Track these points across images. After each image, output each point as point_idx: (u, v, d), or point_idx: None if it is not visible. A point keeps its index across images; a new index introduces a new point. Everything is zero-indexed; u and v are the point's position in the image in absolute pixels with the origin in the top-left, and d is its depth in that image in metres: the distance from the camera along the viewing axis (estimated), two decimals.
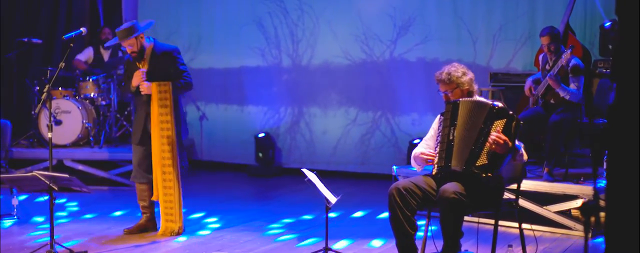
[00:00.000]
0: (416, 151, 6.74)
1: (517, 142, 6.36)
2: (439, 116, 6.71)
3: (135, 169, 8.42)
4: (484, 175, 6.28)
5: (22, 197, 9.45)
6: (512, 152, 6.32)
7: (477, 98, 6.58)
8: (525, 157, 6.53)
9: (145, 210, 8.47)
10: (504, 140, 6.19)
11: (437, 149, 6.52)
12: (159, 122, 8.16)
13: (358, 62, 12.20)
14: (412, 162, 6.81)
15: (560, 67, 8.75)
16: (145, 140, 8.28)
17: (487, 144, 6.24)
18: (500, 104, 6.44)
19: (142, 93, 8.21)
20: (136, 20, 8.26)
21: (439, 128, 6.62)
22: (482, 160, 6.29)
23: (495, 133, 6.21)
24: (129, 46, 8.16)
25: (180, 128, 8.32)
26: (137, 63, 8.27)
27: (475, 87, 6.72)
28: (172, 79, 8.19)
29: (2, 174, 8.97)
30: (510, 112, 6.35)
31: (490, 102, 6.48)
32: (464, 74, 6.64)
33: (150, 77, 8.16)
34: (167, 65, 8.16)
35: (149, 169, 8.30)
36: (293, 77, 12.72)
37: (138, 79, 8.17)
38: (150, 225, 8.44)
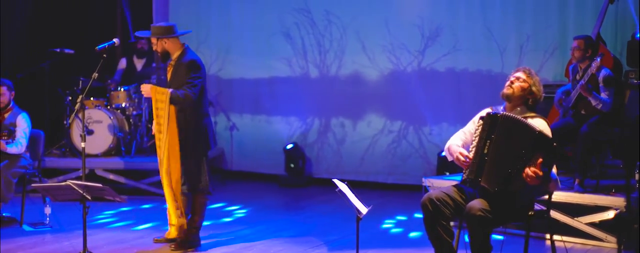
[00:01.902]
0: (452, 144, 6.71)
1: (552, 170, 6.32)
2: (481, 114, 6.65)
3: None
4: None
5: (53, 206, 9.50)
6: (546, 182, 6.28)
7: (521, 118, 6.39)
8: (559, 183, 6.50)
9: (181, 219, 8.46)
10: (541, 176, 6.15)
11: (471, 154, 6.47)
12: (157, 131, 8.11)
13: (385, 72, 12.20)
14: (446, 152, 6.80)
15: (590, 76, 8.71)
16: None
17: (524, 175, 6.18)
18: (544, 131, 6.33)
19: (142, 93, 8.20)
20: (175, 25, 8.22)
21: (476, 130, 6.56)
22: (516, 186, 6.26)
23: (534, 169, 6.13)
24: (153, 44, 8.21)
25: (195, 143, 8.13)
26: (167, 65, 8.28)
27: (535, 105, 6.69)
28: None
29: (36, 183, 9.03)
30: (554, 144, 6.24)
31: (536, 127, 6.31)
32: (540, 84, 6.65)
33: (170, 83, 8.15)
34: (183, 74, 8.05)
35: (181, 180, 8.28)
36: (321, 88, 12.73)
37: (144, 93, 8.20)
38: (178, 235, 8.41)
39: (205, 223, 8.45)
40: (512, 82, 6.64)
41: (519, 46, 11.15)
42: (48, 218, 9.32)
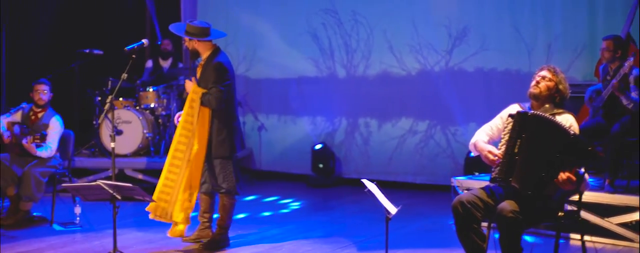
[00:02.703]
0: (479, 140, 6.67)
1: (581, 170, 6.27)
2: (508, 110, 6.62)
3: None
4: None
5: (83, 206, 9.55)
6: (579, 185, 6.25)
7: (556, 120, 6.30)
8: (588, 183, 6.46)
9: (204, 220, 8.49)
10: (574, 181, 6.12)
11: (500, 152, 6.43)
12: (181, 126, 8.10)
13: (413, 72, 12.19)
14: (471, 147, 6.75)
15: (623, 75, 8.65)
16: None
17: (559, 180, 6.14)
18: (576, 130, 6.27)
19: (185, 87, 8.25)
20: (211, 26, 8.22)
21: (504, 126, 6.52)
22: (550, 190, 6.23)
23: (569, 174, 6.08)
24: (185, 41, 8.23)
25: (223, 144, 8.13)
26: (198, 64, 8.31)
27: (563, 103, 6.65)
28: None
29: (66, 183, 9.08)
30: (590, 149, 6.16)
31: (571, 130, 6.22)
32: (565, 79, 6.61)
33: (200, 83, 8.16)
34: (209, 76, 8.06)
35: (208, 180, 8.30)
36: (348, 88, 12.74)
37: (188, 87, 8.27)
38: (206, 235, 8.45)
39: (233, 223, 8.46)
40: (538, 82, 6.59)
41: (547, 46, 11.10)
42: (78, 218, 9.38)
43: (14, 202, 9.44)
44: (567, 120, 6.39)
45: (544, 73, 6.60)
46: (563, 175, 6.07)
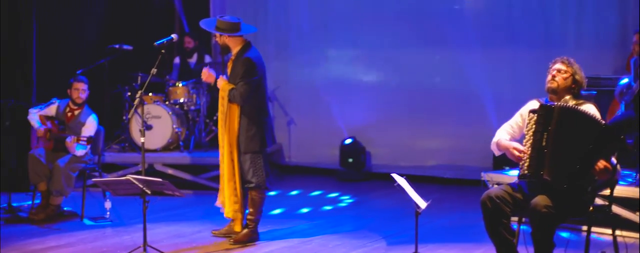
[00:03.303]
0: (501, 138, 6.64)
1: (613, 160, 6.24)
2: (528, 105, 6.59)
3: None
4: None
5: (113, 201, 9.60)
6: (613, 175, 6.21)
7: (582, 109, 6.27)
8: (619, 173, 6.42)
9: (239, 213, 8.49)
10: (610, 170, 6.08)
11: (526, 148, 6.39)
12: (219, 126, 8.24)
13: (444, 66, 12.14)
14: (493, 146, 6.72)
15: None
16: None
17: (596, 169, 6.10)
18: (607, 123, 6.23)
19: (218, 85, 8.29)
20: (241, 21, 8.23)
21: (526, 123, 6.49)
22: (586, 181, 6.18)
23: (604, 163, 6.05)
24: (216, 36, 8.25)
25: (253, 139, 8.16)
26: (228, 60, 8.33)
27: (584, 84, 6.60)
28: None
29: (96, 178, 9.12)
30: (622, 137, 6.16)
31: (600, 119, 6.20)
32: (581, 70, 6.56)
33: (230, 79, 8.19)
34: (238, 71, 8.09)
35: (243, 176, 8.32)
36: (379, 82, 12.71)
37: (204, 79, 8.36)
38: (237, 230, 8.46)
39: (263, 217, 8.47)
40: (554, 76, 6.54)
41: (578, 40, 11.03)
42: (108, 213, 9.42)
43: (45, 197, 9.49)
44: (589, 109, 6.35)
45: (559, 66, 6.56)
46: (600, 165, 6.03)
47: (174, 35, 8.45)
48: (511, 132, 6.70)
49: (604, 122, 6.15)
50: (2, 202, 9.92)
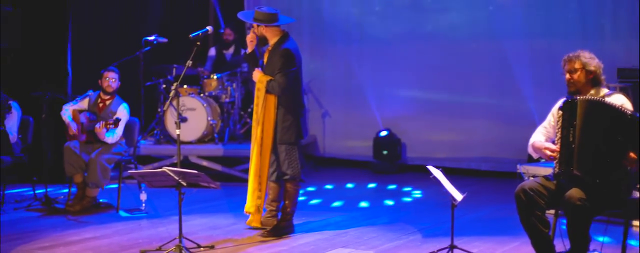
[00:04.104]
0: (536, 140, 6.60)
1: None
2: (558, 105, 6.53)
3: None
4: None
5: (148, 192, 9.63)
6: None
7: (605, 101, 6.22)
8: None
9: (271, 208, 8.50)
10: None
11: (557, 146, 6.35)
12: (254, 119, 8.25)
13: (481, 61, 12.07)
14: (530, 149, 6.68)
15: None
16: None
17: (626, 161, 6.04)
18: (634, 113, 6.15)
19: (253, 78, 8.31)
20: (279, 12, 8.23)
21: (556, 121, 6.44)
22: (618, 174, 6.12)
23: (634, 154, 6.01)
24: (254, 27, 8.25)
25: (288, 131, 8.17)
26: (265, 50, 8.31)
27: (603, 78, 6.51)
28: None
29: (131, 170, 9.15)
30: None
31: (627, 109, 6.13)
32: (592, 58, 6.45)
33: (266, 70, 8.21)
34: (276, 62, 8.10)
35: (276, 168, 8.32)
36: (414, 74, 12.65)
37: (248, 40, 8.33)
38: (271, 222, 8.44)
39: (298, 209, 8.47)
40: (569, 80, 6.47)
41: (619, 31, 10.93)
42: (144, 204, 9.45)
43: (81, 189, 9.54)
44: (617, 99, 6.29)
45: (568, 67, 6.48)
46: (632, 156, 5.98)
47: (209, 27, 8.45)
48: (545, 133, 6.66)
49: (631, 112, 6.08)
50: (39, 193, 9.99)
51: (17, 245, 7.86)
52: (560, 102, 6.49)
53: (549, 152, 6.37)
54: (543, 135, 6.64)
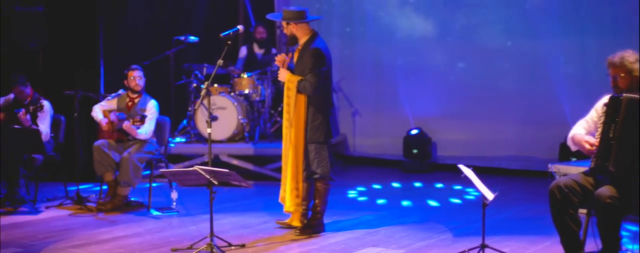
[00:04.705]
0: (576, 133, 6.57)
1: None
2: (603, 101, 6.49)
3: None
4: None
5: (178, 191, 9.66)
6: None
7: None
8: None
9: (301, 207, 8.47)
10: None
11: (596, 140, 6.32)
12: (284, 118, 8.25)
13: (514, 57, 12.02)
14: (569, 141, 6.65)
15: None
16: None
17: None
18: None
19: (278, 78, 8.32)
20: (307, 10, 8.25)
21: (599, 117, 6.40)
22: None
23: None
24: (283, 28, 8.25)
25: (318, 130, 8.16)
26: (295, 49, 8.31)
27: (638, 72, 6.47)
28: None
29: (162, 169, 9.20)
30: None
31: None
32: (636, 60, 6.42)
33: (296, 68, 8.22)
34: (307, 61, 8.09)
35: (307, 167, 8.33)
36: (445, 72, 12.62)
37: (278, 62, 8.30)
38: (302, 221, 8.45)
39: (328, 208, 8.47)
40: (614, 83, 6.44)
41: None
42: (175, 203, 9.49)
43: (112, 187, 9.59)
44: None
45: (612, 72, 6.46)
46: None
47: (240, 26, 8.46)
48: (586, 127, 6.63)
49: None
50: (70, 192, 10.05)
51: (49, 244, 7.92)
52: (605, 98, 6.46)
53: (588, 145, 6.35)
54: (584, 129, 6.61)
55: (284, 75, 8.20)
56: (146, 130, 9.54)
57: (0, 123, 9.82)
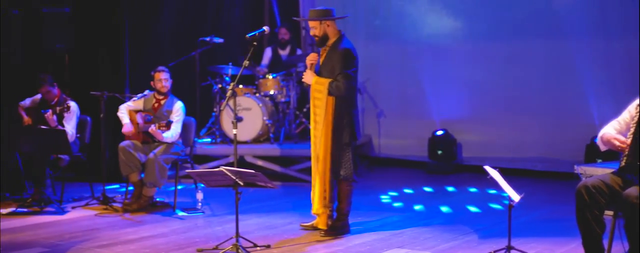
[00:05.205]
0: (606, 132, 6.54)
1: None
2: (636, 102, 6.47)
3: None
4: None
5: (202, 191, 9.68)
6: None
7: None
8: None
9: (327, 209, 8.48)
10: None
11: (628, 140, 6.30)
12: (312, 119, 8.23)
13: (541, 58, 11.98)
14: (599, 141, 6.62)
15: None
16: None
17: None
18: None
19: (303, 80, 8.30)
20: (334, 8, 8.25)
21: (632, 117, 6.38)
22: None
23: None
24: (312, 28, 8.19)
25: (343, 132, 8.16)
26: (321, 50, 8.28)
27: None
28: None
29: (188, 169, 9.22)
30: None
31: None
32: None
33: (322, 69, 8.20)
34: (336, 62, 8.08)
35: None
36: (470, 73, 12.59)
37: (309, 60, 8.26)
38: (322, 226, 8.40)
39: (353, 209, 8.46)
40: None
41: None
42: (200, 204, 9.51)
43: (138, 188, 9.63)
44: None
45: None
46: None
47: (265, 27, 8.46)
48: (618, 128, 6.59)
49: None
50: (96, 192, 10.10)
51: (76, 243, 7.96)
52: (638, 100, 6.44)
53: (618, 143, 6.30)
54: (614, 130, 6.57)
55: (310, 78, 8.19)
56: (172, 133, 9.56)
57: (28, 123, 9.92)
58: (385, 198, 10.41)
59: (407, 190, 11.03)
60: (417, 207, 9.84)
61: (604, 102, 11.28)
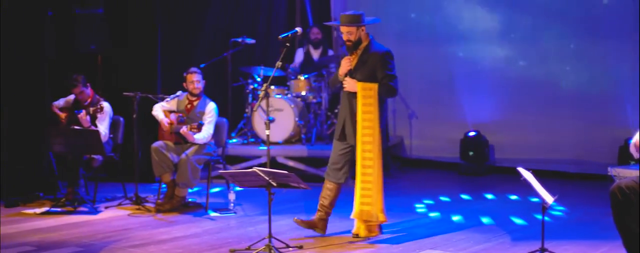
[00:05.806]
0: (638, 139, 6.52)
1: None
2: None
3: (329, 166, 8.44)
4: None
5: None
6: None
7: None
8: None
9: (322, 209, 8.42)
10: None
11: None
12: (361, 125, 8.13)
13: (571, 56, 11.91)
14: (632, 148, 6.57)
15: None
16: (344, 137, 8.29)
17: None
18: None
19: (345, 89, 8.23)
20: (364, 12, 8.22)
21: None
22: None
23: None
24: (348, 33, 8.10)
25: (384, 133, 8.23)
26: (350, 54, 8.25)
27: None
28: (376, 80, 8.07)
29: (220, 170, 9.24)
30: None
31: None
32: None
33: (355, 73, 8.17)
34: (374, 65, 8.07)
35: (342, 169, 8.32)
36: (503, 74, 12.53)
37: (345, 66, 8.17)
38: (320, 225, 8.38)
39: (386, 211, 8.44)
40: None
41: None
42: (232, 204, 9.52)
43: (170, 188, 9.65)
44: None
45: None
46: None
47: (298, 28, 8.48)
48: None
49: None
50: (129, 192, 10.15)
51: (109, 243, 8.00)
52: None
53: None
54: None
55: (353, 85, 8.10)
56: (204, 135, 9.59)
57: (65, 120, 10.00)
58: (417, 200, 10.33)
59: (439, 192, 10.90)
60: (449, 209, 9.77)
61: (637, 103, 11.20)
